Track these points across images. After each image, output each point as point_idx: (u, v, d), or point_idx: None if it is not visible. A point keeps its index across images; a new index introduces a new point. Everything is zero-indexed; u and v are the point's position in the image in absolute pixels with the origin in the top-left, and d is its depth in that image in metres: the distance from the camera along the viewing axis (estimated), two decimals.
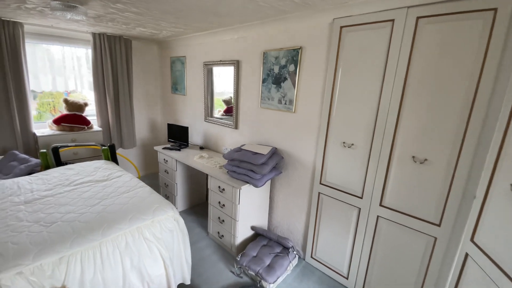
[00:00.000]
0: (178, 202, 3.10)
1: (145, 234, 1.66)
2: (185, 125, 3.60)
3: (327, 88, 1.91)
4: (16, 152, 2.57)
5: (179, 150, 3.10)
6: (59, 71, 3.17)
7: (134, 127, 3.75)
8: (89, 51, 3.32)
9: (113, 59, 3.32)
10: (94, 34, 3.12)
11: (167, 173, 3.12)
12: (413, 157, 1.59)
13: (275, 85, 2.30)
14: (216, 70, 3.02)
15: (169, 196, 3.20)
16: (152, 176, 4.16)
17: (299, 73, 2.11)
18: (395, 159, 1.67)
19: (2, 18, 2.50)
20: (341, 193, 1.97)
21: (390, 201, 1.74)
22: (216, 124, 3.09)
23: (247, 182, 2.18)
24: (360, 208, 1.89)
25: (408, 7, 1.50)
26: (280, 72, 2.24)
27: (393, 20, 1.57)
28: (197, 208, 3.25)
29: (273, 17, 2.09)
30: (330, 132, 1.96)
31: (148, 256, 1.66)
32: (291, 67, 2.15)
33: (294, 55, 2.11)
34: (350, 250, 2.01)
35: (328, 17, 1.85)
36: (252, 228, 2.41)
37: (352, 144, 1.85)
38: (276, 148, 2.35)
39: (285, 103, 2.25)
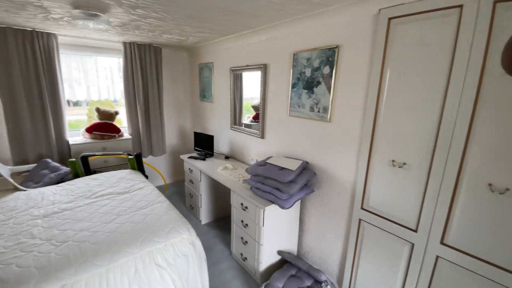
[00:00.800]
0: (202, 214, 2.94)
1: (156, 259, 1.50)
2: (211, 133, 3.47)
3: (371, 93, 1.57)
4: (49, 160, 2.64)
5: (204, 159, 2.96)
6: (92, 81, 3.25)
7: (164, 135, 3.73)
8: (121, 60, 3.37)
9: (143, 67, 3.32)
10: (124, 43, 3.14)
11: (192, 183, 2.99)
12: (490, 184, 1.19)
13: (306, 90, 2.02)
14: (246, 75, 2.82)
15: (193, 207, 3.07)
16: (180, 184, 4.11)
17: (336, 76, 1.80)
18: (464, 185, 1.27)
19: (36, 30, 2.60)
20: (389, 223, 1.60)
21: (455, 239, 1.33)
22: (242, 132, 2.89)
23: (273, 202, 1.92)
24: (413, 244, 1.51)
25: None
26: (312, 76, 1.95)
27: (461, 6, 1.19)
28: (222, 221, 3.06)
29: (304, 13, 1.81)
30: (375, 147, 1.61)
31: (158, 284, 1.48)
32: (326, 70, 1.84)
33: (329, 55, 1.80)
34: None
35: (372, 8, 1.52)
36: (279, 253, 2.13)
37: (404, 164, 1.48)
38: (307, 163, 2.06)
39: (318, 111, 1.94)
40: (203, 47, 3.34)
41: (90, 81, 3.23)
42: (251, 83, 2.79)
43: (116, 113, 3.20)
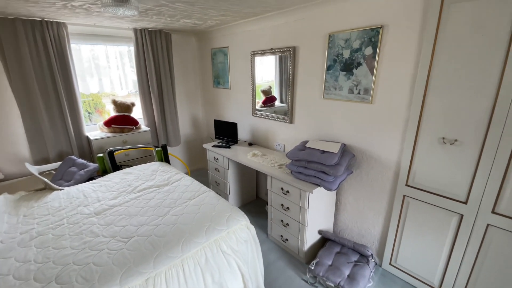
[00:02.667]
0: (231, 201, 2.99)
1: (222, 247, 1.53)
2: (230, 120, 3.45)
3: (420, 74, 1.60)
4: (74, 157, 2.56)
5: (228, 147, 2.95)
6: (104, 72, 3.10)
7: (178, 125, 3.66)
8: (131, 49, 3.22)
9: (155, 54, 3.19)
10: (135, 30, 2.99)
11: (218, 171, 3.00)
12: None
13: (344, 72, 2.02)
14: (258, 59, 2.77)
15: (220, 195, 3.09)
16: (198, 173, 4.10)
17: (379, 57, 1.80)
18: None
19: (46, 19, 2.43)
20: (436, 197, 1.69)
21: (508, 208, 1.44)
22: (266, 118, 2.88)
23: (318, 185, 1.97)
24: (462, 215, 1.61)
25: None
26: (351, 57, 1.94)
27: None
28: (249, 206, 3.12)
29: None
30: (422, 126, 1.66)
31: (228, 271, 1.53)
32: (368, 50, 1.84)
33: (372, 36, 1.80)
34: (445, 261, 1.74)
35: None
36: (320, 232, 2.22)
37: (456, 140, 1.54)
38: (345, 145, 2.10)
39: (359, 93, 1.96)
40: (216, 31, 3.23)
41: (102, 72, 3.08)
42: (261, 67, 2.76)
43: (133, 104, 3.10)
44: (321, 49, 2.14)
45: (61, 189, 2.09)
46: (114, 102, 2.96)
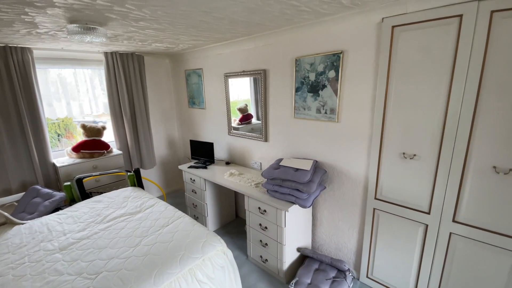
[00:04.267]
0: (209, 222, 2.93)
1: (198, 276, 1.49)
2: (206, 139, 3.44)
3: (378, 94, 1.73)
4: (38, 187, 2.41)
5: (205, 167, 2.93)
6: (72, 96, 3.01)
7: (153, 146, 3.59)
8: (102, 72, 3.17)
9: (127, 77, 3.16)
10: (106, 54, 2.96)
11: (195, 193, 2.95)
12: (495, 167, 1.40)
13: (311, 94, 2.12)
14: (231, 80, 2.84)
15: (198, 217, 3.03)
16: (175, 195, 4.00)
17: (341, 79, 1.93)
18: (470, 170, 1.48)
19: (10, 45, 2.35)
20: (403, 209, 1.78)
21: (466, 217, 1.55)
22: (242, 137, 2.92)
23: (293, 203, 2.00)
24: (427, 225, 1.70)
25: (479, 0, 1.31)
26: (317, 80, 2.06)
27: (461, 16, 1.38)
28: (229, 226, 3.08)
29: (309, 21, 1.91)
30: (384, 142, 1.77)
31: None
32: (331, 74, 1.96)
33: (334, 60, 1.92)
34: (416, 270, 1.82)
35: (375, 17, 1.66)
36: (299, 250, 2.23)
37: (415, 155, 1.66)
38: (317, 161, 2.17)
39: (326, 112, 2.06)
40: (190, 53, 3.28)
41: (70, 96, 2.99)
42: (235, 86, 2.84)
43: (104, 128, 3.01)
44: (289, 72, 2.25)
45: (22, 223, 1.95)
46: (83, 127, 2.86)
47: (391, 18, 1.59)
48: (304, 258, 2.28)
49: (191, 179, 2.94)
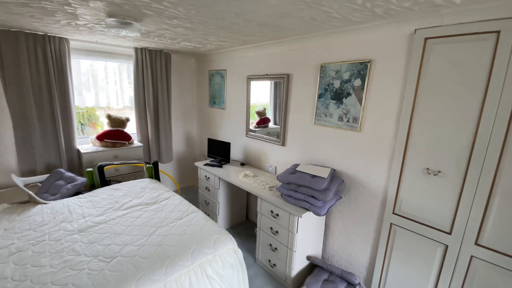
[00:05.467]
0: (220, 221, 2.94)
1: (207, 271, 1.50)
2: (224, 139, 3.48)
3: (405, 106, 1.69)
4: (62, 170, 2.52)
5: (220, 166, 2.96)
6: (101, 87, 3.15)
7: (172, 142, 3.67)
8: (130, 66, 3.30)
9: (154, 73, 3.27)
10: (136, 49, 3.08)
11: (208, 190, 2.98)
12: None
13: (334, 101, 2.11)
14: (253, 83, 2.88)
15: (209, 215, 3.06)
16: (189, 191, 4.06)
17: (367, 88, 1.90)
18: (498, 191, 1.41)
19: (49, 34, 2.50)
20: (422, 226, 1.72)
21: (490, 240, 1.47)
22: (259, 139, 2.93)
23: (307, 209, 1.98)
24: (447, 245, 1.63)
25: None
26: (341, 87, 2.04)
27: (498, 32, 1.33)
28: (238, 228, 3.08)
29: (338, 28, 1.90)
30: (408, 156, 1.72)
31: None
32: (357, 82, 1.94)
33: (361, 69, 1.91)
34: None
35: (408, 28, 1.64)
36: (309, 258, 2.19)
37: (439, 172, 1.60)
38: (334, 170, 2.14)
39: (348, 121, 2.04)
40: (215, 54, 3.35)
41: (99, 86, 3.13)
42: (256, 89, 2.87)
43: (127, 120, 3.12)
44: (313, 78, 2.25)
45: (45, 203, 2.04)
46: (109, 117, 2.98)
47: (424, 30, 1.56)
48: (313, 267, 2.23)
49: (205, 176, 2.98)
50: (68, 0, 1.53)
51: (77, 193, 2.39)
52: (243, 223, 3.18)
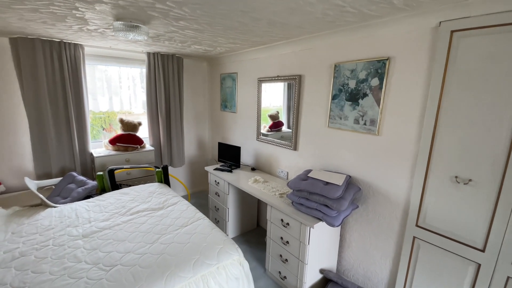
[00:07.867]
0: (229, 228, 2.85)
1: (210, 283, 1.41)
2: (235, 143, 3.41)
3: (430, 107, 1.52)
4: (74, 173, 2.55)
5: (230, 171, 2.88)
6: (115, 91, 3.19)
7: (184, 146, 3.65)
8: (143, 71, 3.33)
9: (166, 77, 3.28)
10: (148, 54, 3.10)
11: (218, 195, 2.90)
12: None
13: (350, 102, 1.97)
14: (264, 85, 2.78)
15: (219, 221, 2.98)
16: (199, 195, 4.01)
17: (386, 88, 1.75)
18: None
19: (64, 40, 2.56)
20: (450, 242, 1.52)
21: None
22: (270, 144, 2.82)
23: (319, 219, 1.84)
24: (479, 264, 1.43)
25: None
26: (357, 87, 1.90)
27: None
28: (249, 235, 2.97)
29: (353, 25, 1.78)
30: (433, 162, 1.55)
31: None
32: (374, 81, 1.80)
33: (378, 67, 1.76)
34: None
35: (431, 20, 1.48)
36: (322, 271, 2.04)
37: (470, 180, 1.42)
38: (350, 177, 1.99)
39: (365, 124, 1.89)
40: (226, 57, 3.31)
41: (113, 91, 3.17)
42: (269, 92, 2.77)
43: (140, 124, 3.14)
44: (327, 79, 2.12)
45: (55, 207, 2.05)
46: (121, 121, 3.00)
47: (450, 22, 1.40)
48: (327, 281, 2.08)
49: (215, 181, 2.91)
50: (75, 4, 1.53)
51: (88, 196, 2.40)
52: (254, 231, 3.07)
